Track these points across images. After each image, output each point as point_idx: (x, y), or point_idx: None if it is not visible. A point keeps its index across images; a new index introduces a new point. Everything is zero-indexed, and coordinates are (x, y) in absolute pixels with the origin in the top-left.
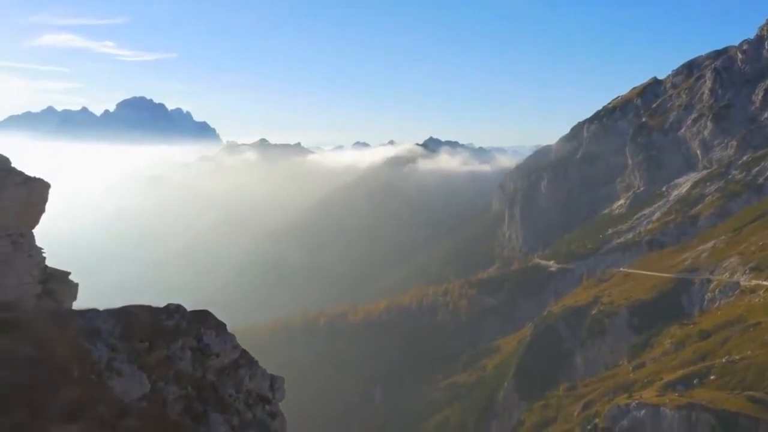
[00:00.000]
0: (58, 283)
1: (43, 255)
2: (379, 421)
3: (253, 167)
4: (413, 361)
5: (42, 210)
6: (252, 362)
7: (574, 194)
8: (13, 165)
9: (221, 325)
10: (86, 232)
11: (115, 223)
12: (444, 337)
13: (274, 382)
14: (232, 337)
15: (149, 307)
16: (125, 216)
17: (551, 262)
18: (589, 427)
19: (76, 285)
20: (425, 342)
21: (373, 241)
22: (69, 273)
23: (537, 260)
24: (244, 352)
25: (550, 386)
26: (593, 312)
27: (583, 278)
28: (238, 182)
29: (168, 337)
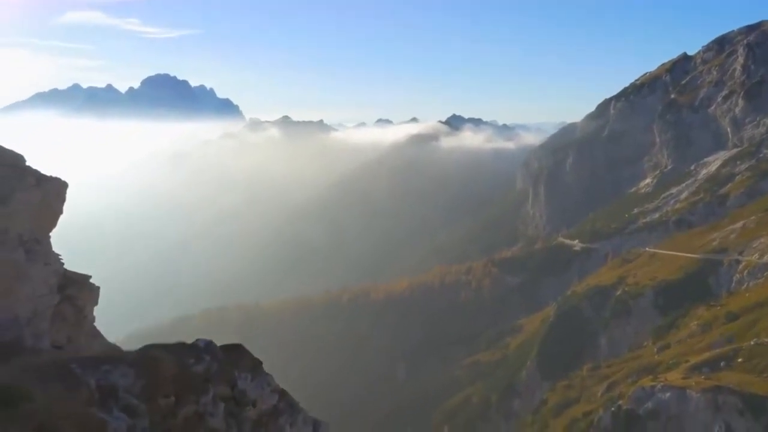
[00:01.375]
0: (78, 289)
1: (61, 261)
2: (401, 398)
3: (276, 144)
4: (435, 340)
5: (59, 211)
6: (293, 406)
7: (599, 173)
8: (27, 164)
9: (257, 364)
10: (111, 210)
11: (140, 201)
12: (466, 316)
13: (317, 427)
14: (269, 378)
15: (175, 348)
16: (150, 194)
17: (575, 242)
18: (612, 408)
19: (98, 289)
20: (447, 321)
21: (396, 219)
22: (89, 276)
23: (561, 239)
24: (283, 393)
25: (573, 366)
26: (618, 292)
27: (608, 258)
28: (261, 159)
29: (197, 388)
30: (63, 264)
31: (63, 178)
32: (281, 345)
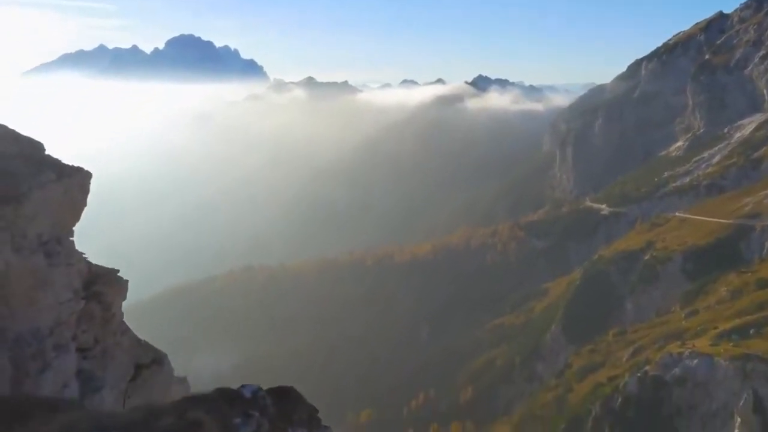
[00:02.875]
0: (106, 284)
1: (85, 258)
2: (424, 359)
3: (300, 105)
4: (460, 302)
5: (83, 205)
6: None
7: (629, 135)
8: (47, 152)
9: (313, 414)
10: (137, 171)
11: (165, 163)
12: (491, 278)
13: None
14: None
15: (218, 404)
16: (175, 155)
17: (603, 206)
18: (639, 374)
19: (126, 283)
20: (472, 283)
21: (421, 181)
22: (117, 270)
23: (588, 203)
24: None
25: (598, 331)
26: (646, 257)
27: (637, 223)
28: (285, 121)
29: None
30: (87, 260)
31: (86, 168)
32: (305, 306)
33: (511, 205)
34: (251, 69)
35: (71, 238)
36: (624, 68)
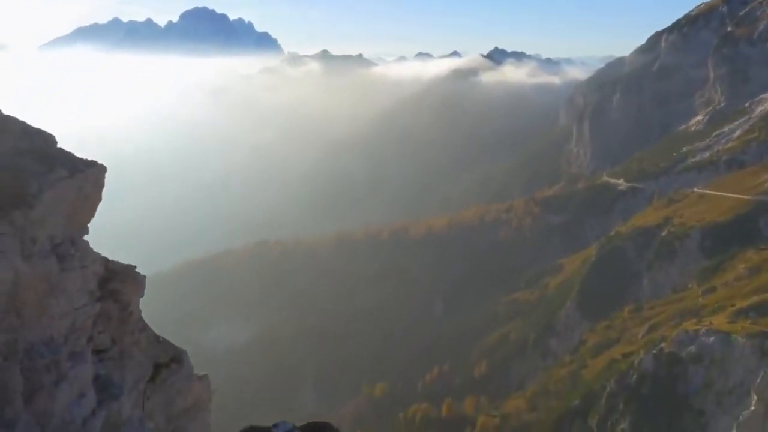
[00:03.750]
0: (122, 282)
1: (101, 257)
2: (438, 334)
3: (315, 79)
4: (474, 277)
5: (98, 200)
6: None
7: (647, 109)
8: (59, 146)
9: None
10: (150, 145)
11: (179, 137)
12: (506, 254)
13: None
14: None
15: None
16: (189, 129)
17: (620, 181)
18: (654, 351)
19: (144, 278)
20: (487, 258)
21: (435, 155)
22: (134, 267)
23: (605, 178)
24: None
25: (613, 307)
26: (663, 233)
27: (654, 198)
28: (300, 94)
29: None
30: (103, 259)
31: (100, 162)
32: (319, 280)
33: (527, 180)
34: (266, 42)
35: (85, 236)
36: (643, 41)
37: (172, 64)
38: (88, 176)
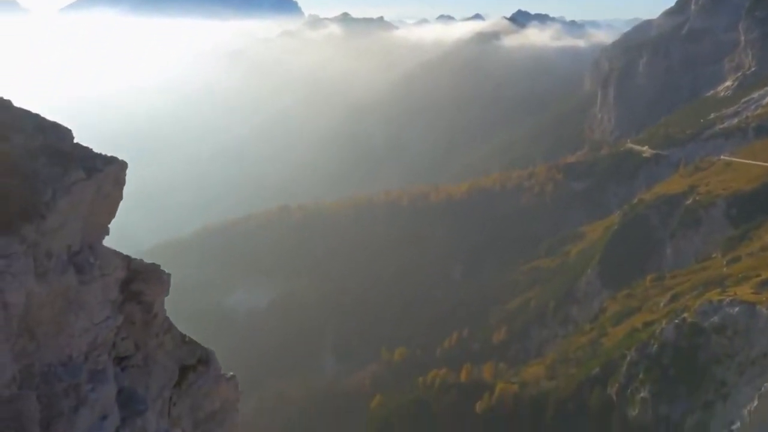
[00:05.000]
0: (146, 282)
1: (123, 257)
2: (457, 300)
3: (336, 42)
4: (495, 243)
5: (118, 199)
6: None
7: (675, 74)
8: (76, 140)
9: None
10: (169, 109)
11: (197, 101)
12: (527, 220)
13: None
14: None
15: None
16: (207, 93)
17: (645, 148)
18: (676, 320)
19: (168, 277)
20: (508, 225)
21: (457, 119)
22: (158, 266)
23: (630, 145)
24: None
25: (635, 276)
26: (688, 202)
27: (680, 166)
28: (320, 58)
29: None
30: (126, 261)
31: (121, 158)
32: (340, 245)
33: (549, 146)
34: (285, 5)
35: (105, 245)
36: (672, 3)
37: (190, 27)
38: (107, 175)
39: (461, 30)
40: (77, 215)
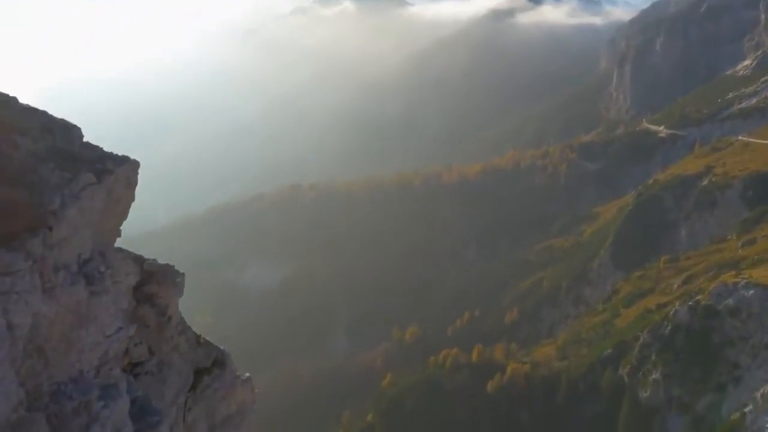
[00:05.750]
0: (160, 283)
1: (135, 265)
2: (469, 279)
3: (349, 19)
4: (508, 224)
5: (130, 200)
6: None
7: (693, 53)
8: (85, 139)
9: None
10: (181, 87)
11: (210, 79)
12: (541, 201)
13: None
14: None
15: None
16: (219, 70)
17: (661, 128)
18: (690, 302)
19: (183, 277)
20: (521, 205)
21: (471, 98)
22: (172, 266)
23: (645, 125)
24: None
25: (648, 257)
26: (703, 183)
27: (696, 146)
28: (333, 35)
29: None
30: (139, 266)
31: (133, 157)
32: (353, 224)
33: (563, 125)
34: None
35: (116, 251)
36: None
37: (203, 3)
38: (118, 177)
39: (476, 7)
40: (87, 222)
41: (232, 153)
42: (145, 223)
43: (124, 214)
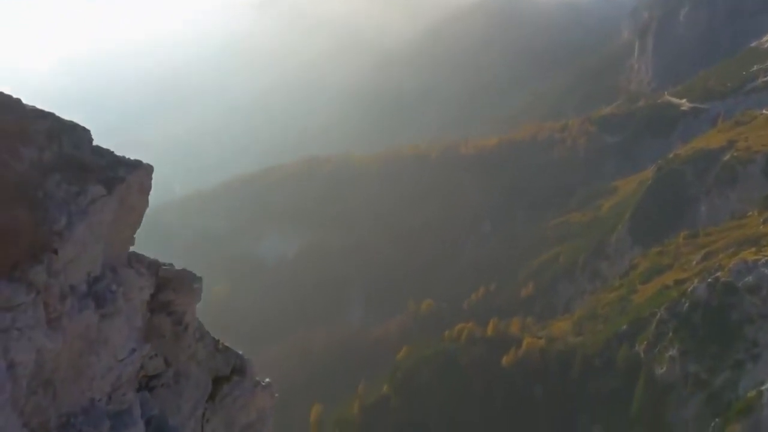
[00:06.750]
0: (176, 290)
1: (150, 276)
2: (486, 253)
3: None
4: (524, 197)
5: (144, 206)
6: None
7: (717, 25)
8: (95, 143)
9: None
10: (198, 58)
11: (222, 50)
12: (558, 174)
13: None
14: None
15: None
16: (236, 41)
17: (683, 101)
18: (709, 279)
19: (200, 281)
20: (538, 178)
21: (488, 69)
22: (189, 272)
23: (667, 97)
24: None
25: (667, 233)
26: (726, 158)
27: (719, 120)
28: (349, 5)
29: None
30: (154, 277)
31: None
32: (369, 197)
33: (582, 97)
34: None
35: (128, 266)
36: None
37: None
38: (131, 185)
39: None
40: (96, 238)
41: (247, 125)
42: (163, 194)
43: (137, 223)
